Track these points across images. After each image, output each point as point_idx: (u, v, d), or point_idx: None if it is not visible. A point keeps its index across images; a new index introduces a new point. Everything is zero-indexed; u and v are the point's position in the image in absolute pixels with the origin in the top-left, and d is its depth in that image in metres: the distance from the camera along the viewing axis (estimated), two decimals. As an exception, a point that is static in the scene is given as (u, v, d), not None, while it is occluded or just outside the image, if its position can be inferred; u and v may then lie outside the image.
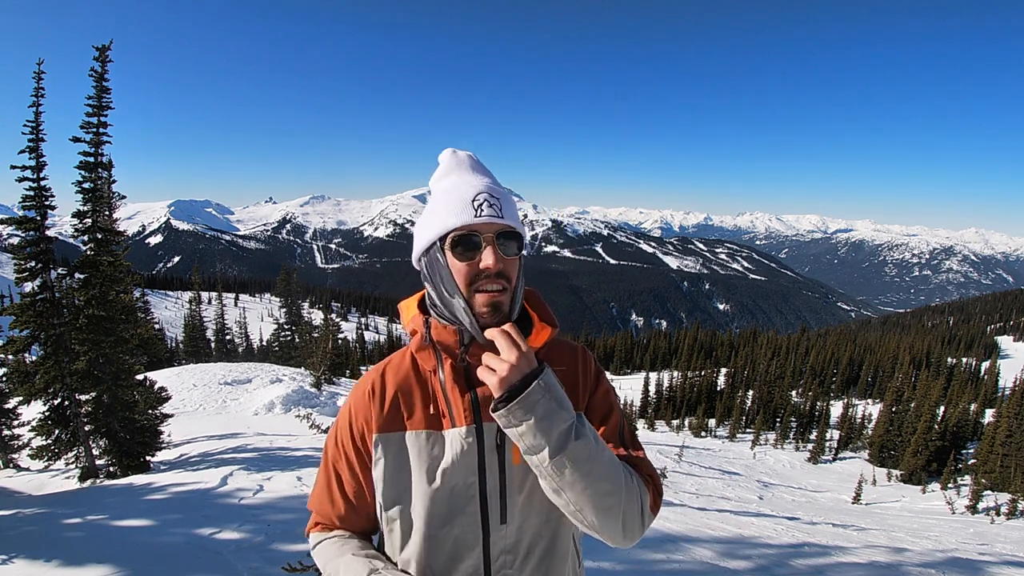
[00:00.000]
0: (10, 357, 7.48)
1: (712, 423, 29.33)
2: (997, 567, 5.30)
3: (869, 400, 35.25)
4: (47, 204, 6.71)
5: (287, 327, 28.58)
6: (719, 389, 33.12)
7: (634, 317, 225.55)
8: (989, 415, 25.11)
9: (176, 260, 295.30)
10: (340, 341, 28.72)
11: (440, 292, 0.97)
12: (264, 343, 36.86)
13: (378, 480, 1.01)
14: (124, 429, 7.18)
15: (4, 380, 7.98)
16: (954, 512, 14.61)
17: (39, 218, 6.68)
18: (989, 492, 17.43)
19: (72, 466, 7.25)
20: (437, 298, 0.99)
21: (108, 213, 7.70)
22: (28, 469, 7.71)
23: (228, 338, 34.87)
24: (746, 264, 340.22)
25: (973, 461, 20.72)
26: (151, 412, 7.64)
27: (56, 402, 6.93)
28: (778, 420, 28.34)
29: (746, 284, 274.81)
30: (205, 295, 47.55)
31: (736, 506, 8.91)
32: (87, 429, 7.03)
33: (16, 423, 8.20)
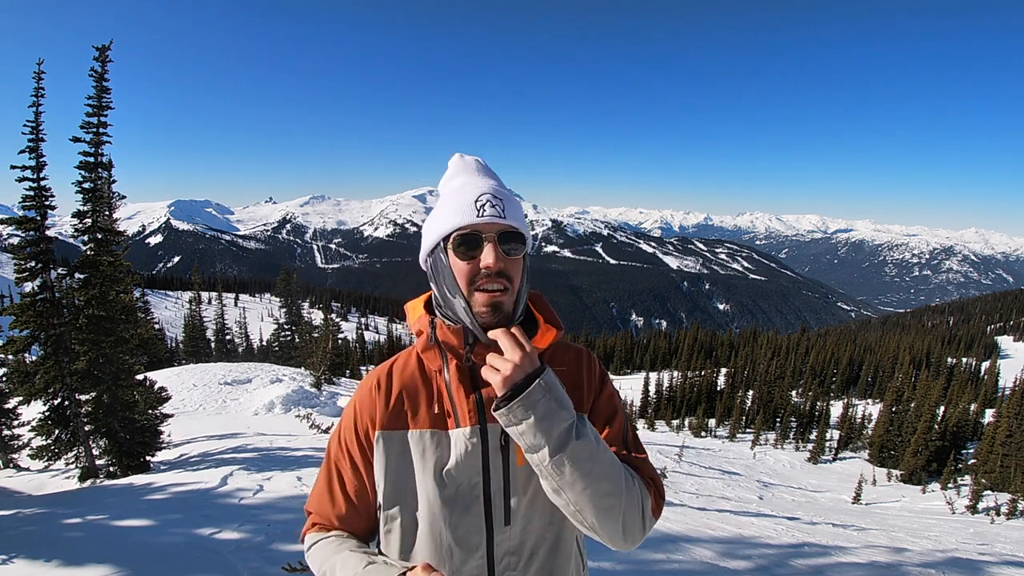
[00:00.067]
0: (10, 357, 7.49)
1: (712, 423, 29.32)
2: (997, 567, 5.30)
3: (869, 400, 35.24)
4: (47, 204, 6.72)
5: (287, 327, 28.59)
6: (719, 389, 33.11)
7: (634, 317, 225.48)
8: (989, 415, 25.11)
9: (176, 260, 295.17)
10: (340, 341, 28.72)
11: (443, 292, 0.98)
12: (264, 343, 36.86)
13: (379, 478, 1.01)
14: (124, 429, 7.18)
15: (4, 380, 7.98)
16: (954, 512, 14.61)
17: (39, 218, 6.69)
18: (989, 492, 17.43)
19: (72, 466, 7.25)
20: (440, 298, 1.00)
21: (108, 213, 7.70)
22: (28, 469, 7.71)
23: (228, 338, 34.89)
24: (746, 264, 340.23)
25: (973, 461, 20.72)
26: (151, 412, 7.65)
27: (56, 402, 6.93)
28: (778, 420, 28.34)
29: (746, 284, 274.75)
30: (205, 295, 47.50)
31: (736, 506, 8.91)
32: (87, 429, 7.03)
33: (16, 423, 8.20)
